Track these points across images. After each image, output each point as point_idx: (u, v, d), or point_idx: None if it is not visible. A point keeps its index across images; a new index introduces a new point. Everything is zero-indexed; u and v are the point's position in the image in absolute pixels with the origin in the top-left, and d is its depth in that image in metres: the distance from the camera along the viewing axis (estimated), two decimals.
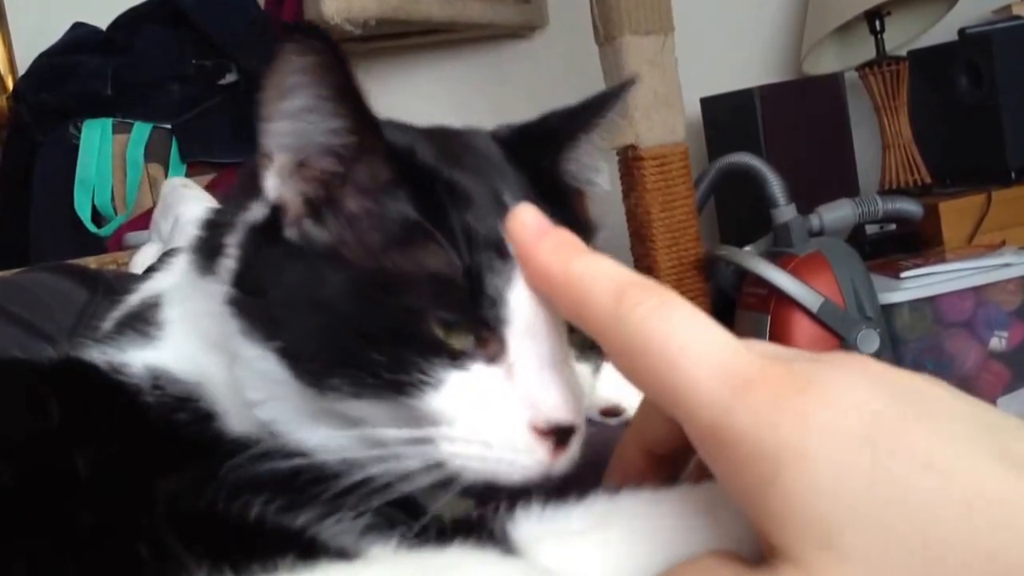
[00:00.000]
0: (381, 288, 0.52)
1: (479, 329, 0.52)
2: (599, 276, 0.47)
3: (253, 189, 0.56)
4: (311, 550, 0.46)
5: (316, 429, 0.54)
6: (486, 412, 0.52)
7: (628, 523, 0.51)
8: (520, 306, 0.52)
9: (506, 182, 0.57)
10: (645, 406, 0.54)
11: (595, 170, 0.64)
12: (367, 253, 0.53)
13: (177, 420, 0.55)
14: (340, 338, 0.52)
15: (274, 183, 0.55)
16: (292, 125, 0.54)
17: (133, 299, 0.65)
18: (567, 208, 0.60)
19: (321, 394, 0.53)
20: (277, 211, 0.55)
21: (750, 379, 0.42)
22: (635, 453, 0.54)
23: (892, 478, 0.38)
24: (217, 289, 0.55)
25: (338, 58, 0.52)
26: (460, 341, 0.52)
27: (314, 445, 0.54)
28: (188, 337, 0.59)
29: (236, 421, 0.55)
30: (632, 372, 0.46)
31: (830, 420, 0.39)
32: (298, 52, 0.51)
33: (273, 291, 0.54)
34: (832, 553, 0.38)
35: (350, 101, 0.53)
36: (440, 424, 0.52)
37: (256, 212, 0.56)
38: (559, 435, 0.52)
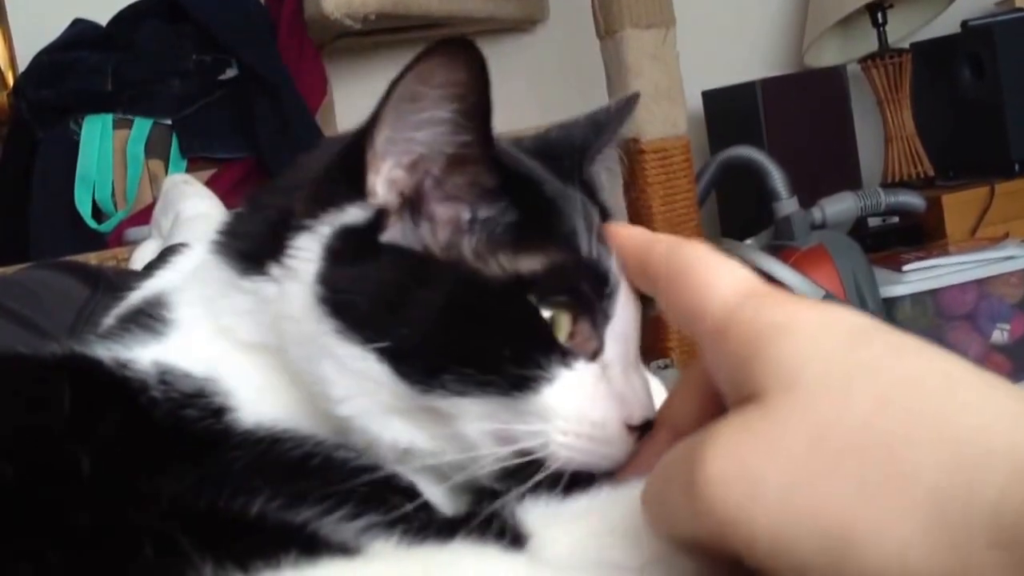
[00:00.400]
0: (497, 288, 0.55)
1: (583, 320, 0.56)
2: (655, 239, 0.54)
3: (320, 191, 0.57)
4: (314, 546, 0.47)
5: (405, 428, 0.56)
6: (591, 407, 0.55)
7: (633, 505, 0.51)
8: (619, 307, 0.57)
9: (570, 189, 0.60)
10: (677, 386, 0.57)
11: (616, 175, 0.68)
12: (478, 256, 0.55)
13: (184, 416, 0.55)
14: (457, 338, 0.54)
15: (384, 187, 0.56)
16: (419, 134, 0.55)
17: (136, 296, 0.66)
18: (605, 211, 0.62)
19: (425, 393, 0.54)
20: (381, 214, 0.56)
21: (760, 291, 0.47)
22: (663, 436, 0.55)
23: (864, 356, 0.41)
24: (283, 290, 0.57)
25: (485, 76, 0.53)
26: (561, 328, 0.56)
27: (403, 444, 0.56)
28: (205, 334, 0.60)
29: (253, 414, 0.56)
30: (672, 293, 0.51)
31: (819, 315, 0.43)
32: (447, 65, 0.53)
33: (376, 293, 0.55)
34: (793, 394, 0.40)
35: (482, 119, 0.55)
36: (552, 418, 0.55)
37: (353, 214, 0.56)
38: (643, 429, 0.56)
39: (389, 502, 0.52)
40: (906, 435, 0.37)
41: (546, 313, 0.55)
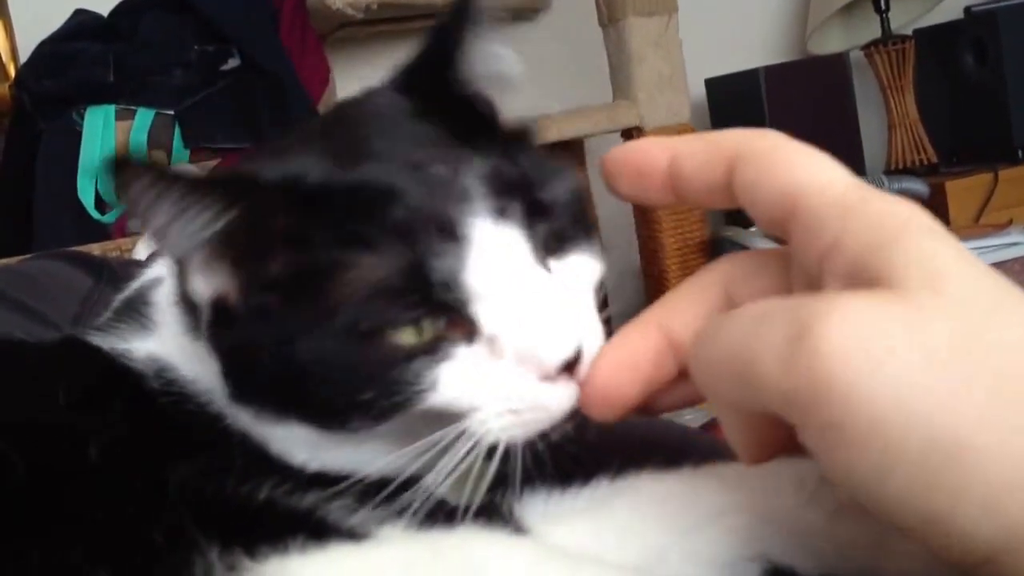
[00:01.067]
0: (338, 327, 0.50)
1: (441, 316, 0.51)
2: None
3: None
4: (321, 531, 0.47)
5: (368, 453, 0.54)
6: (493, 387, 0.51)
7: (631, 500, 0.53)
8: (478, 275, 0.50)
9: (420, 143, 0.54)
10: (684, 286, 0.53)
11: (499, 58, 0.60)
12: (310, 301, 0.51)
13: (184, 409, 0.55)
14: (331, 389, 0.51)
15: (201, 282, 0.54)
16: (177, 235, 0.51)
17: (131, 287, 0.65)
18: (490, 124, 0.59)
19: (352, 433, 0.52)
20: (220, 305, 0.54)
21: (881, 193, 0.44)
22: (652, 329, 0.51)
23: (1016, 290, 0.39)
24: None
25: (160, 170, 0.50)
26: (428, 334, 0.51)
27: (369, 468, 0.53)
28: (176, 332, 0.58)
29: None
30: (768, 170, 0.46)
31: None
32: (131, 183, 0.50)
33: (259, 371, 0.53)
34: (940, 297, 0.38)
35: (202, 188, 0.51)
36: (462, 416, 0.51)
37: (205, 313, 0.54)
38: (569, 366, 0.51)
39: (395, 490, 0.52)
40: None
41: (392, 321, 0.50)
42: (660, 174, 0.49)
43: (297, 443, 0.54)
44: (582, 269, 0.56)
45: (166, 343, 0.58)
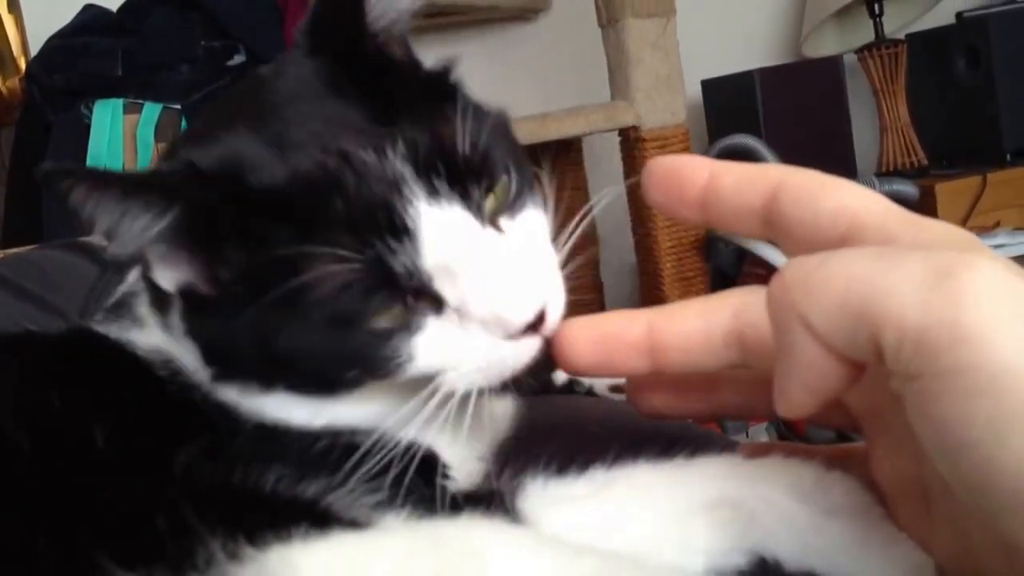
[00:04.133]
0: (314, 320, 0.52)
1: (409, 296, 0.53)
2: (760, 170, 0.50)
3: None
4: (324, 520, 0.48)
5: (356, 407, 0.57)
6: (463, 351, 0.54)
7: (627, 489, 0.54)
8: (434, 257, 0.52)
9: (341, 124, 0.54)
10: (691, 302, 0.53)
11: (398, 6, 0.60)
12: (279, 295, 0.51)
13: (187, 396, 0.57)
14: (314, 369, 0.54)
15: (164, 275, 0.56)
16: (125, 236, 0.53)
17: (124, 285, 0.66)
18: (407, 78, 0.59)
19: (337, 398, 0.56)
20: (191, 293, 0.56)
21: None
22: (641, 324, 0.52)
23: None
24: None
25: (96, 176, 0.52)
26: (400, 314, 0.53)
27: (358, 424, 0.56)
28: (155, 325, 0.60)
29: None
30: (817, 195, 0.46)
31: None
32: (69, 192, 0.51)
33: (239, 358, 0.55)
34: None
35: (140, 188, 0.52)
36: (436, 377, 0.54)
37: (176, 303, 0.57)
38: (534, 325, 0.54)
39: (398, 475, 0.54)
40: None
41: (367, 310, 0.52)
42: (697, 189, 0.49)
43: (291, 406, 0.56)
44: (532, 223, 0.58)
45: (152, 336, 0.59)
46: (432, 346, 0.54)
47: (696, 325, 0.50)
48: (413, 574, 0.43)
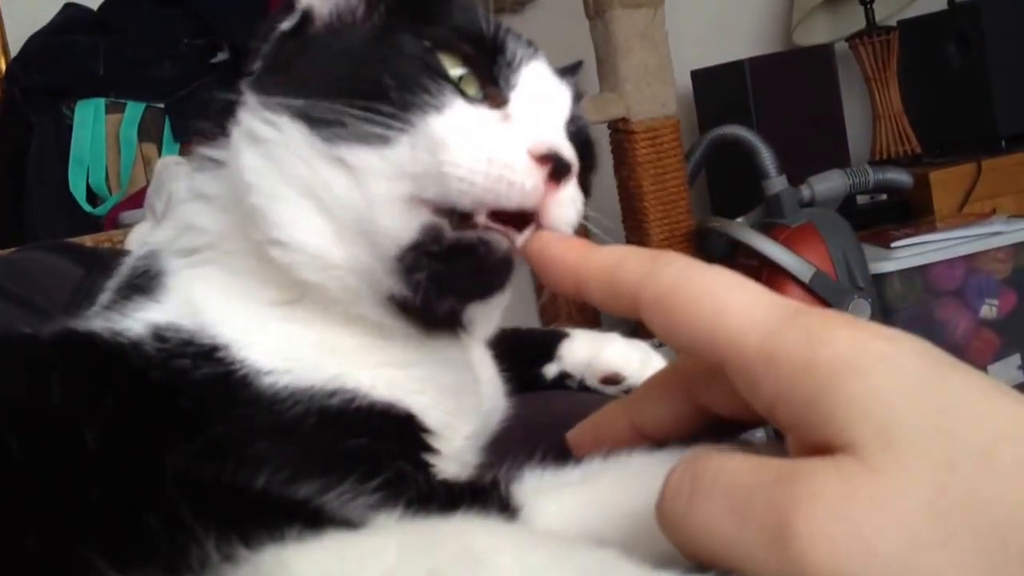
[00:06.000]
0: (402, 32, 0.59)
1: (488, 84, 0.59)
2: (627, 252, 0.50)
3: (261, 32, 0.64)
4: (317, 520, 0.47)
5: (315, 214, 0.58)
6: (486, 135, 0.56)
7: (619, 474, 0.54)
8: (529, 79, 0.61)
9: None
10: (650, 385, 0.56)
11: None
12: (379, 17, 0.61)
13: (179, 367, 0.56)
14: (357, 78, 0.57)
15: None
16: None
17: (123, 270, 0.67)
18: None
19: (330, 141, 0.56)
20: (306, 17, 0.62)
21: (799, 309, 0.43)
22: (623, 424, 0.56)
23: (952, 399, 0.38)
24: (244, 102, 0.61)
25: None
26: (467, 81, 0.58)
27: (316, 237, 0.58)
28: (185, 262, 0.62)
29: (243, 335, 0.58)
30: (670, 318, 0.47)
31: (883, 347, 0.40)
32: None
33: (295, 67, 0.61)
34: (895, 452, 0.37)
35: None
36: (439, 150, 0.55)
37: (285, 23, 0.63)
38: (556, 169, 0.56)
39: (390, 466, 0.53)
40: (1014, 499, 0.36)
41: (449, 66, 0.58)
42: (571, 284, 0.52)
43: (259, 149, 0.58)
44: (575, 194, 0.59)
45: (170, 301, 0.60)
46: (466, 116, 0.57)
47: (661, 411, 0.54)
48: (408, 574, 0.42)
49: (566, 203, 0.57)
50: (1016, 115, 2.95)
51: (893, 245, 2.51)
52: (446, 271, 0.55)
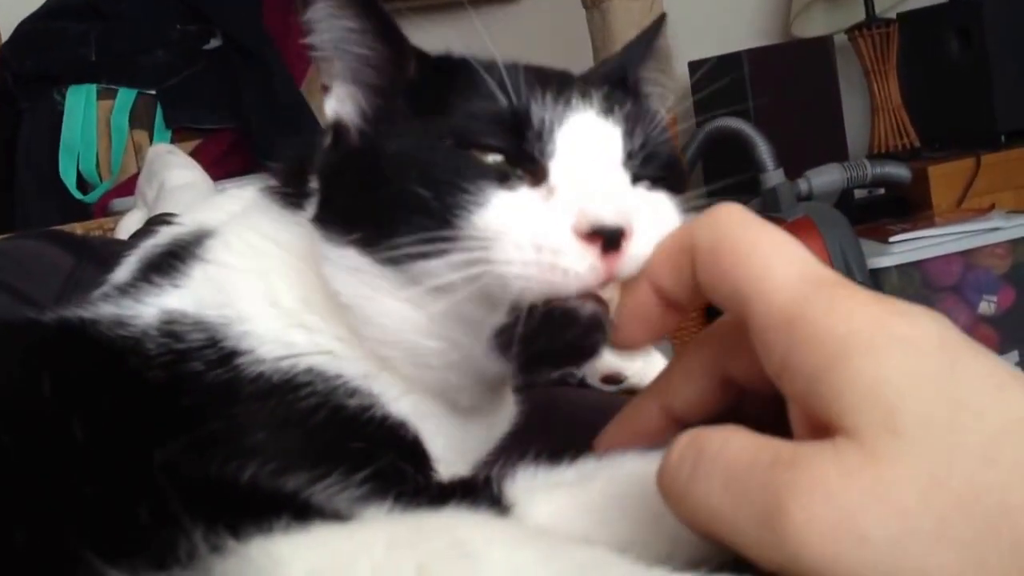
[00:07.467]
0: (428, 136, 0.57)
1: (524, 162, 0.56)
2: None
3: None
4: (306, 512, 0.47)
5: (397, 306, 0.58)
6: (529, 221, 0.53)
7: (613, 474, 0.54)
8: (568, 138, 0.57)
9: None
10: (673, 364, 0.56)
11: (660, 95, 0.69)
12: (415, 117, 0.59)
13: (186, 371, 0.56)
14: (398, 197, 0.56)
15: (332, 105, 0.62)
16: (338, 57, 0.62)
17: (162, 239, 0.68)
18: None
19: (396, 266, 0.56)
20: (339, 128, 0.62)
21: (829, 281, 0.44)
22: (654, 411, 0.55)
23: (964, 391, 0.39)
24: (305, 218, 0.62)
25: None
26: (503, 167, 0.56)
27: (396, 325, 0.58)
28: (236, 274, 0.63)
29: (270, 348, 0.58)
30: (718, 268, 0.48)
31: (904, 328, 0.40)
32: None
33: (339, 195, 0.60)
34: (895, 438, 0.38)
35: (378, 24, 0.62)
36: (490, 243, 0.53)
37: (324, 140, 0.63)
38: (608, 240, 0.52)
39: (386, 463, 0.53)
40: (1010, 494, 0.36)
41: (478, 141, 0.57)
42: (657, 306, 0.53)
43: (345, 275, 0.59)
44: (662, 208, 0.59)
45: (195, 293, 0.61)
46: (509, 206, 0.54)
47: (689, 391, 0.54)
48: (396, 567, 0.42)
49: (641, 242, 0.54)
50: (1016, 110, 2.95)
51: (891, 240, 2.50)
52: (539, 345, 0.54)
